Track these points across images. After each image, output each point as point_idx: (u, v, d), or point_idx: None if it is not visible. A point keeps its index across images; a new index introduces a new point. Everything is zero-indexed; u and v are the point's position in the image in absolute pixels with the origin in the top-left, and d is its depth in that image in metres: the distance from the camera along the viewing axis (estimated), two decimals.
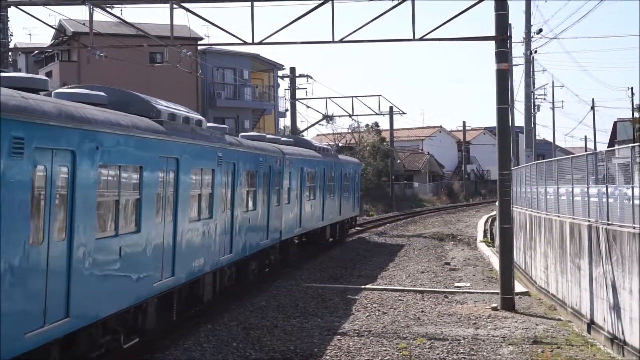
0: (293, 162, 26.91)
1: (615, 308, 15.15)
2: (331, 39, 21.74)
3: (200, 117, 17.88)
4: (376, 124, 78.39)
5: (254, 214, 22.18)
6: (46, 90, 11.97)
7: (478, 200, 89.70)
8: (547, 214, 22.48)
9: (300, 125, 57.09)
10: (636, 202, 14.13)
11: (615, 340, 15.18)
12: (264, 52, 75.96)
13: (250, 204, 21.91)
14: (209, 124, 19.12)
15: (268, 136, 27.77)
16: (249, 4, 21.26)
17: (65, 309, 11.06)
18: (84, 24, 24.28)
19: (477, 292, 22.95)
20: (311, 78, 51.27)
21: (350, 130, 75.64)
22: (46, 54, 50.85)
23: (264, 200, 23.40)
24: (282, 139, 29.14)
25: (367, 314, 19.58)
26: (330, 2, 20.99)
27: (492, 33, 21.07)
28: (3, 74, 11.80)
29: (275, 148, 25.21)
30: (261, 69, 58.62)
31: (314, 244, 33.17)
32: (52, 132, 10.62)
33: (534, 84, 47.05)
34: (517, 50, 44.60)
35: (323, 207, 32.75)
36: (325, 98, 53.32)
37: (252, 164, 21.73)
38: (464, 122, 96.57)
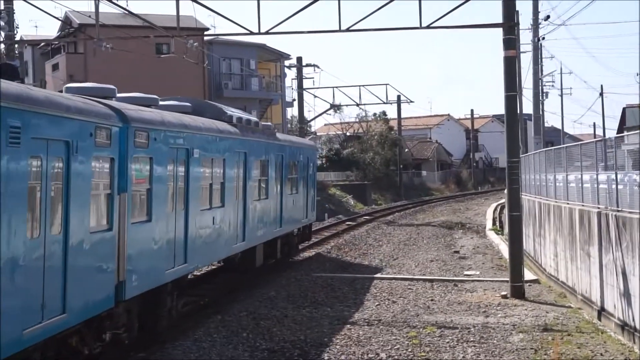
0: (159, 138, 14.33)
1: (626, 295, 15.09)
2: (338, 28, 21.66)
3: None
4: (384, 113, 78.29)
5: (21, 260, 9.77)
6: None
7: (487, 188, 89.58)
8: (556, 202, 22.40)
9: (308, 115, 57.01)
10: None
11: (626, 327, 15.13)
12: (270, 42, 75.86)
13: None
14: None
15: (124, 95, 15.37)
16: None
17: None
18: (89, 15, 24.28)
19: (487, 280, 22.91)
20: (318, 67, 51.15)
21: (358, 120, 75.63)
22: (52, 46, 50.89)
23: (51, 223, 10.51)
24: (167, 102, 17.50)
25: (377, 303, 19.56)
26: None
27: (500, 20, 20.97)
28: None
29: (99, 107, 12.28)
30: (268, 58, 58.55)
31: (233, 271, 22.35)
32: None
33: (542, 71, 46.88)
34: (525, 37, 44.35)
35: (244, 218, 20.28)
36: (333, 87, 53.24)
37: None
38: (472, 110, 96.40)
